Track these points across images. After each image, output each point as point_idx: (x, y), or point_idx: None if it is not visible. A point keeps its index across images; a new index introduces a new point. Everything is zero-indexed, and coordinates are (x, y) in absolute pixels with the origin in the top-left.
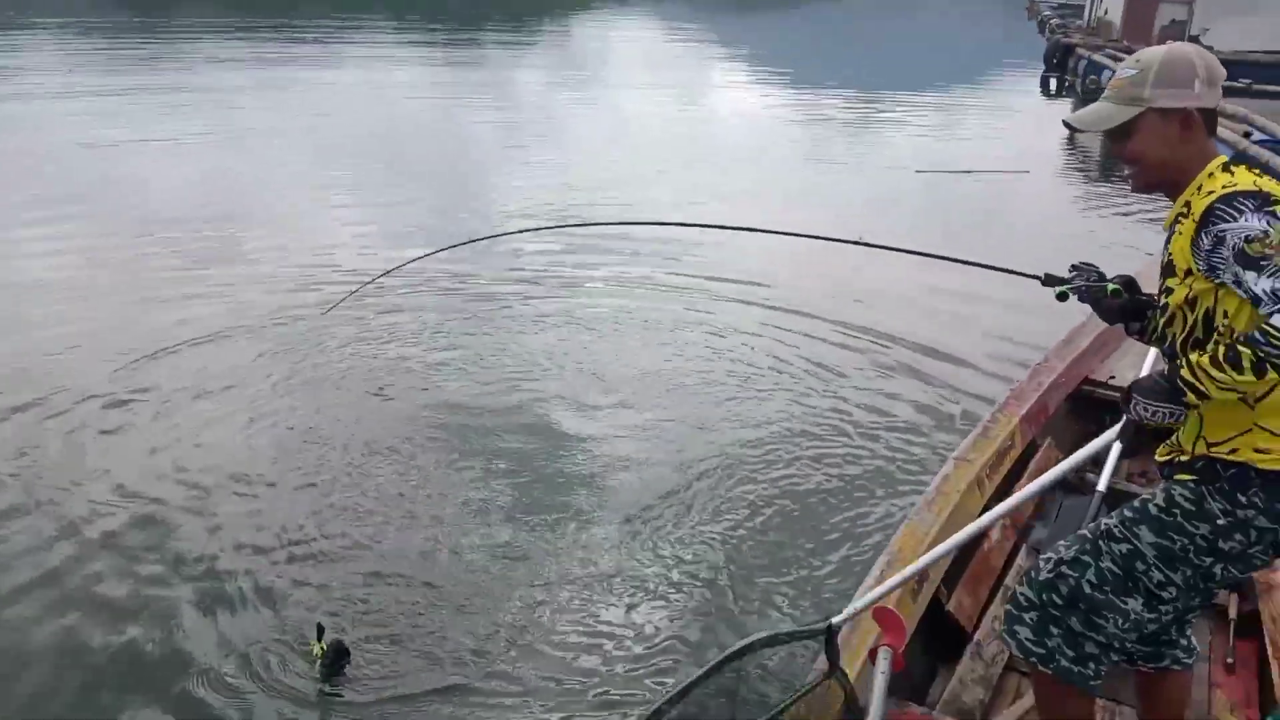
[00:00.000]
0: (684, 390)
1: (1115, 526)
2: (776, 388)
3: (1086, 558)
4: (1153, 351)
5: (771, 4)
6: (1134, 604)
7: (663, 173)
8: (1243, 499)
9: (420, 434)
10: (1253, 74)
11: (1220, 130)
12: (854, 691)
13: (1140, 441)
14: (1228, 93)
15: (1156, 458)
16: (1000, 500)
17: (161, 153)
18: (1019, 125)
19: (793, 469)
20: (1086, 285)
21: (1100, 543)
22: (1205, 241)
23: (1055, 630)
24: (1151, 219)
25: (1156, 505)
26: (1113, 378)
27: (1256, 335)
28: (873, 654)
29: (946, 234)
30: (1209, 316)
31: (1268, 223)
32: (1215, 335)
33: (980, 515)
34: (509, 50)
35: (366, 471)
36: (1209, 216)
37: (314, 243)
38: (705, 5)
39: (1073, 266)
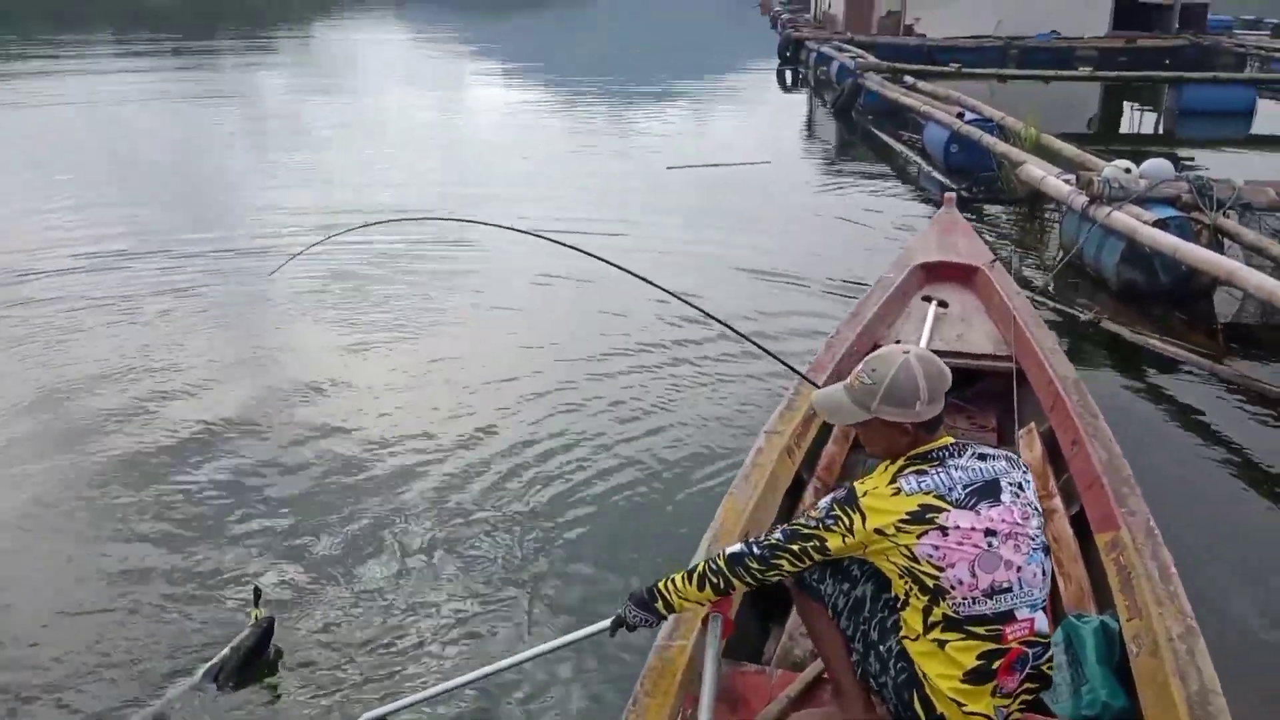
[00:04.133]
0: (487, 385)
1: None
2: (586, 378)
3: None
4: (930, 315)
5: (516, 6)
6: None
7: (427, 175)
8: (896, 664)
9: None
10: (960, 58)
11: (936, 113)
12: (692, 657)
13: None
14: (938, 76)
15: None
16: (811, 464)
17: None
18: (760, 118)
19: (614, 460)
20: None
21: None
22: None
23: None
24: (875, 194)
25: (886, 599)
26: (899, 341)
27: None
28: (705, 621)
29: (701, 228)
30: None
31: (826, 503)
32: None
33: (793, 480)
34: (248, 60)
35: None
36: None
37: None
38: (449, 7)
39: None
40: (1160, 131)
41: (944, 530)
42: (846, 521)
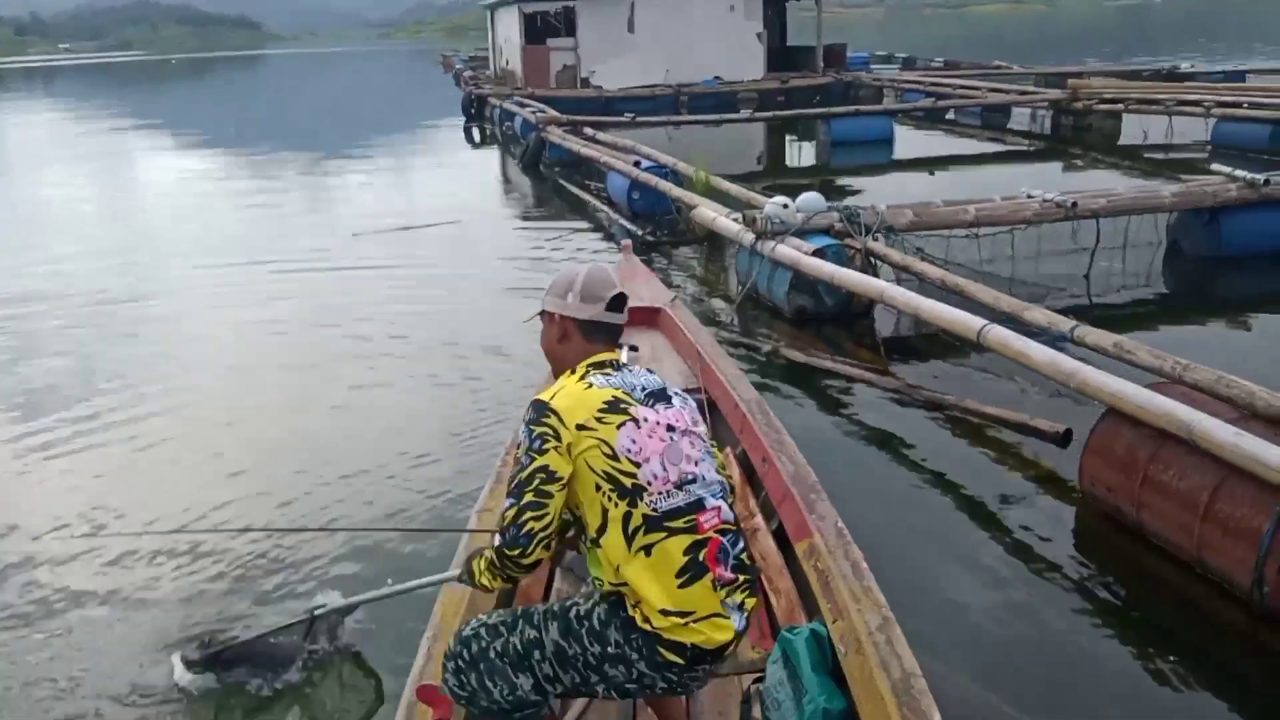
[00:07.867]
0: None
1: (537, 613)
2: (297, 459)
3: (503, 629)
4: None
5: (175, 75)
6: (523, 681)
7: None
8: (631, 640)
9: None
10: (634, 107)
11: (616, 162)
12: None
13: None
14: (616, 126)
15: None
16: None
17: None
18: (450, 176)
19: (316, 548)
20: None
21: (520, 620)
22: None
23: (468, 680)
24: (565, 245)
25: (575, 613)
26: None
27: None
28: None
29: (379, 299)
30: None
31: (524, 434)
32: None
33: None
34: None
35: None
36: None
37: None
38: (102, 82)
39: None
40: (818, 162)
41: (636, 422)
42: (552, 431)
